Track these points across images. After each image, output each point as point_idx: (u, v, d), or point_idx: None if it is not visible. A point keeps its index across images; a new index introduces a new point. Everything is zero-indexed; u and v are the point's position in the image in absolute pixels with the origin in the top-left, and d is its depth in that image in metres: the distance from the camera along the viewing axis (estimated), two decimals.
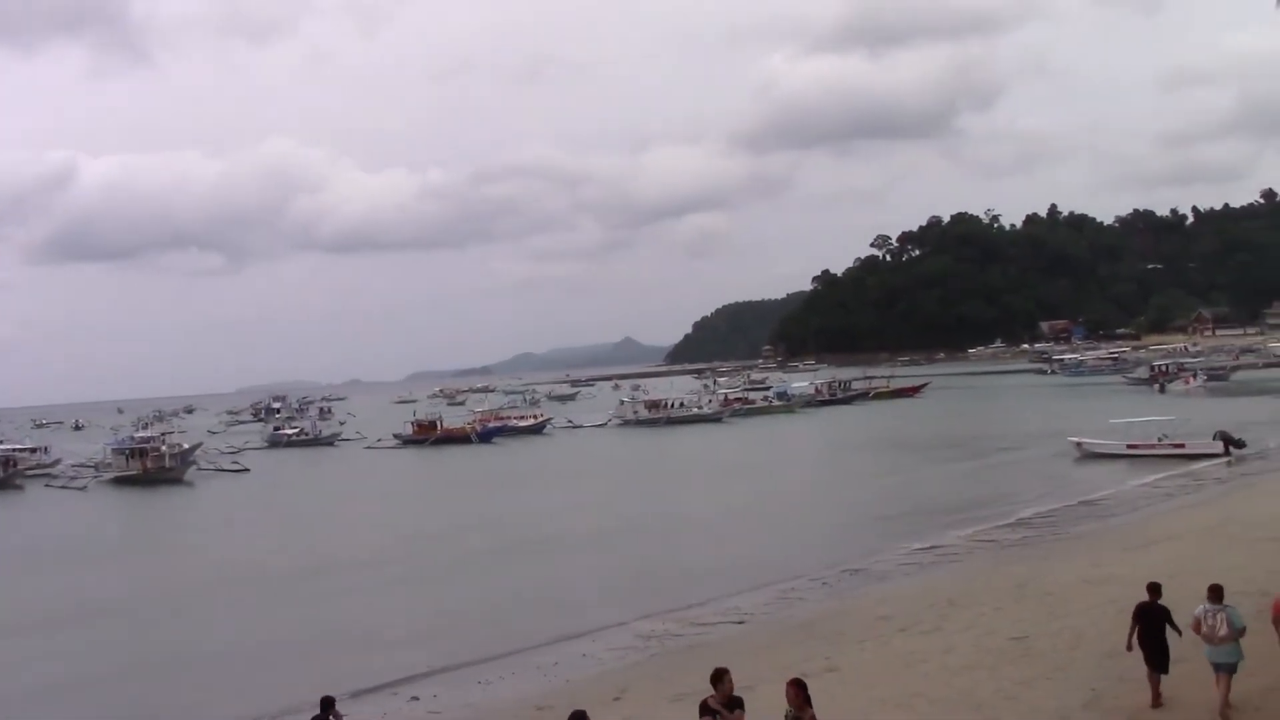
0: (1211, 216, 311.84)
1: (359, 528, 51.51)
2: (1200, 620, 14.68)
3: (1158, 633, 15.29)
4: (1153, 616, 15.38)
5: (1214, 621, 14.49)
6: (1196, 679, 15.24)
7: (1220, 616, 14.47)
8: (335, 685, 23.99)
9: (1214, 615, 14.51)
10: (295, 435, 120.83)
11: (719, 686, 12.17)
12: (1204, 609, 14.68)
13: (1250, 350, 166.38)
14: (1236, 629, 14.42)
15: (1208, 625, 14.55)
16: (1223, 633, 14.41)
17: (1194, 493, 43.61)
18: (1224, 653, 14.46)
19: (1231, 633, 14.41)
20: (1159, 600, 15.57)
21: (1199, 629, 14.74)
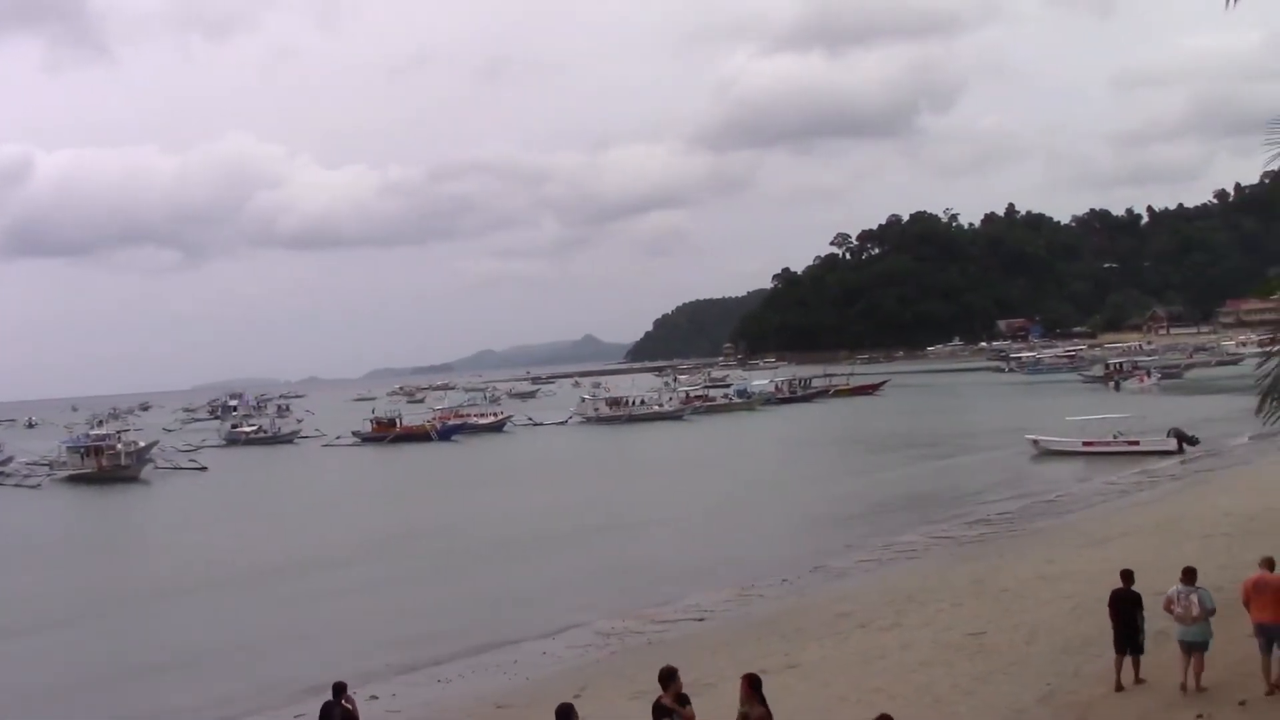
0: (1166, 216, 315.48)
1: (317, 527, 51.19)
2: (1173, 601, 15.20)
3: (1130, 617, 15.83)
4: (1125, 602, 15.91)
5: (1186, 602, 15.01)
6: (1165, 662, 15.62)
7: (1192, 598, 15.00)
8: (291, 685, 24.07)
9: (1186, 596, 15.05)
10: (253, 433, 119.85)
11: (670, 686, 12.22)
12: (1177, 590, 15.21)
13: (1203, 349, 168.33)
14: (1207, 609, 14.96)
15: (1180, 606, 15.08)
16: (1195, 613, 14.95)
17: (1148, 489, 44.11)
18: (1195, 632, 15.03)
19: (1203, 613, 14.94)
20: (1132, 587, 16.07)
21: (1171, 609, 15.27)
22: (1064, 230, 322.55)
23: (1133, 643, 15.88)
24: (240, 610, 33.19)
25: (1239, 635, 16.67)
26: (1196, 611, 15.00)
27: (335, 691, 15.86)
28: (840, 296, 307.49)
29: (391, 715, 21.55)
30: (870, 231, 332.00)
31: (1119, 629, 15.94)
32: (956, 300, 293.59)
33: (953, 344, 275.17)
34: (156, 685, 25.47)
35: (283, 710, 22.65)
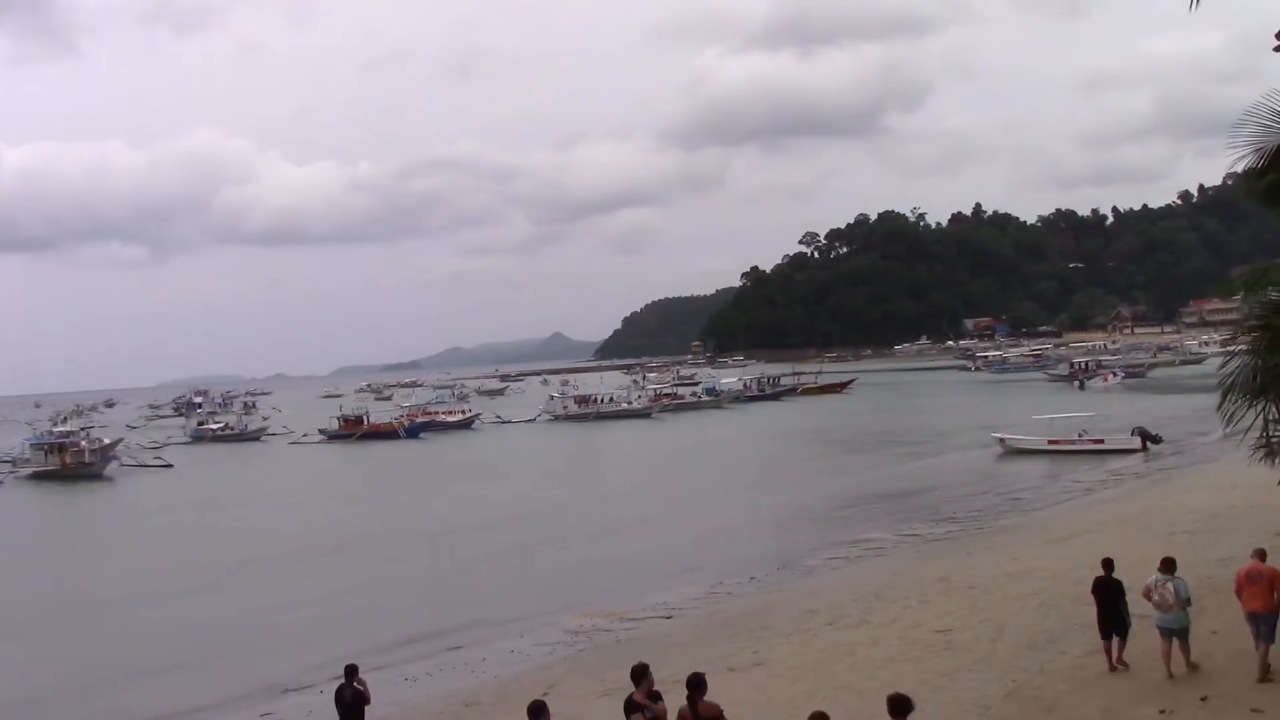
0: (1131, 217, 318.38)
1: (283, 525, 50.91)
2: (1151, 589, 15.85)
3: (1113, 603, 16.48)
4: (1108, 589, 16.56)
5: (1164, 590, 15.67)
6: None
7: (1169, 586, 15.65)
8: (259, 683, 23.95)
9: (1163, 585, 15.71)
10: (220, 430, 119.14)
11: (641, 683, 12.20)
12: (1155, 579, 15.86)
13: (1167, 348, 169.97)
14: (1183, 598, 15.63)
15: (1158, 594, 15.73)
16: (1170, 601, 15.60)
17: (1112, 487, 44.47)
18: (1172, 619, 15.71)
19: (1178, 601, 15.60)
20: (1113, 574, 16.70)
21: (1149, 597, 15.90)
22: (1030, 230, 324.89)
23: (1118, 626, 16.50)
24: (206, 610, 32.93)
25: (1203, 632, 16.90)
26: (1172, 599, 15.61)
27: (348, 674, 16.14)
28: (809, 295, 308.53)
29: None
30: (838, 230, 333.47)
31: (1103, 614, 16.55)
32: (924, 299, 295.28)
33: (920, 343, 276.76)
34: (119, 688, 25.22)
35: (249, 710, 22.51)
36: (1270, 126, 13.29)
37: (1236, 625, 17.04)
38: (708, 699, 11.96)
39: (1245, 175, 14.50)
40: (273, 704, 22.66)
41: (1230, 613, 17.19)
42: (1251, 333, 14.92)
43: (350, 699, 15.90)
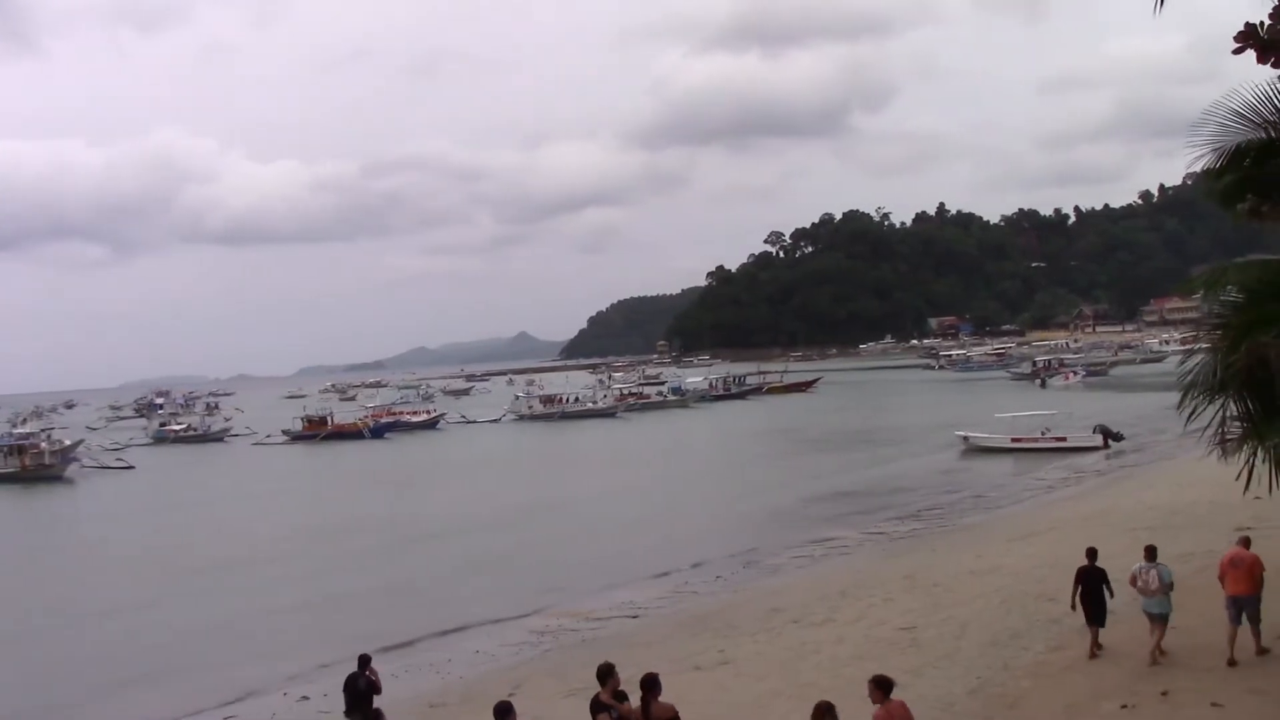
0: (1092, 216, 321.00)
1: (246, 526, 50.56)
2: (1136, 576, 16.61)
3: (1096, 591, 17.09)
4: (1092, 577, 17.15)
5: (1148, 577, 16.41)
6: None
7: (1153, 573, 16.40)
8: (224, 685, 23.77)
9: (1148, 571, 16.45)
10: (182, 431, 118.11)
11: (607, 682, 12.18)
12: (1140, 566, 16.61)
13: (1128, 346, 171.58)
14: (1166, 583, 16.37)
15: (1142, 580, 16.48)
16: (1154, 586, 16.34)
17: (1075, 485, 44.85)
18: (1156, 604, 16.43)
19: (1162, 586, 16.35)
20: (1096, 563, 17.25)
21: (1134, 583, 16.67)
22: (993, 230, 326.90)
23: (1099, 613, 17.10)
24: (166, 608, 32.69)
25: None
26: (1155, 585, 16.34)
27: (360, 663, 16.62)
28: (774, 294, 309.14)
29: (323, 716, 21.33)
30: (803, 230, 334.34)
31: (1087, 602, 17.13)
32: (888, 298, 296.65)
33: (885, 342, 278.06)
34: (82, 690, 25.00)
35: (214, 711, 22.35)
36: (1229, 127, 13.40)
37: (1197, 619, 17.26)
38: (663, 699, 11.95)
39: (1204, 175, 14.62)
40: (235, 707, 22.51)
41: (1192, 606, 17.38)
42: (1211, 331, 15.06)
43: (364, 687, 16.34)
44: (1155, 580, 16.39)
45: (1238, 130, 13.38)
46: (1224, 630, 16.04)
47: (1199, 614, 17.32)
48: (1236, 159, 13.64)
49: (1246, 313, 13.88)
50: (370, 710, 16.46)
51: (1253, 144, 13.41)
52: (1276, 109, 12.96)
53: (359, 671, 16.53)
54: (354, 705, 16.37)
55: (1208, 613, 17.52)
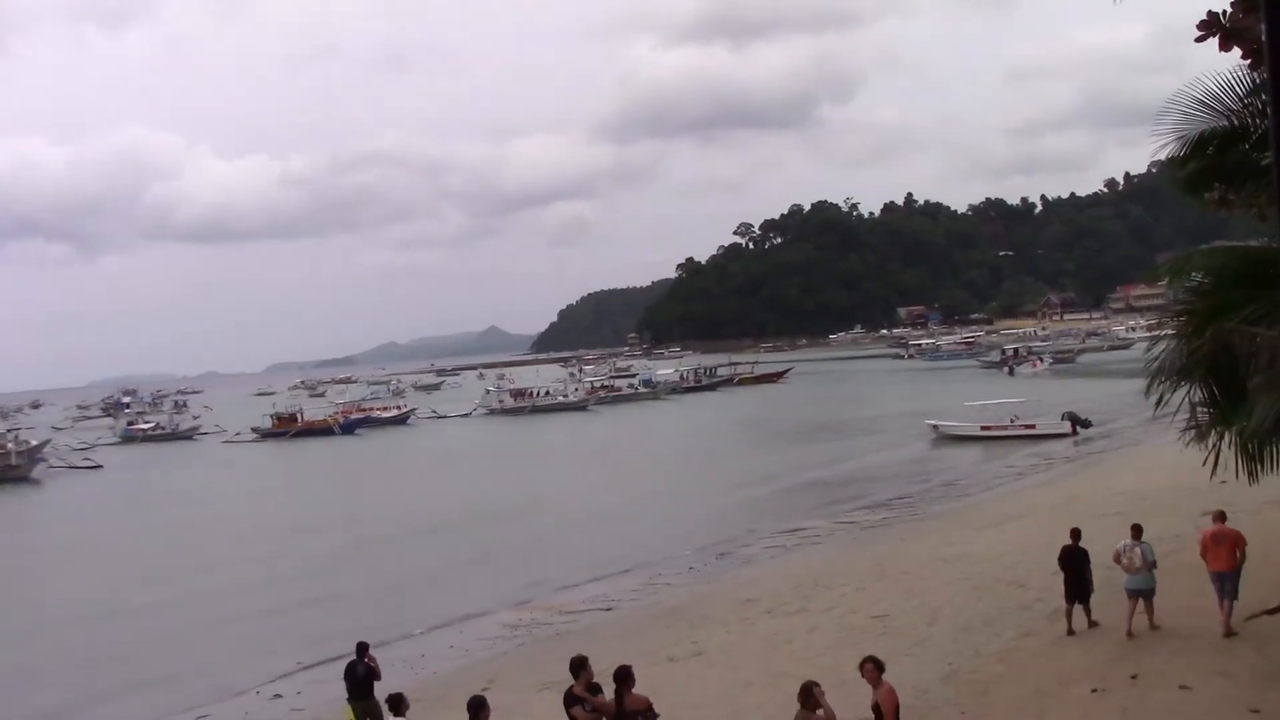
0: (1059, 205, 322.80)
1: (217, 524, 50.23)
2: (1120, 554, 17.20)
3: (1079, 569, 17.72)
4: (1075, 556, 17.78)
5: (1132, 554, 17.01)
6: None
7: (1137, 550, 17.01)
8: (197, 685, 23.65)
9: (1132, 549, 17.06)
10: (150, 430, 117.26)
11: (581, 675, 12.20)
12: (1124, 544, 17.22)
13: (1095, 334, 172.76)
14: (1149, 561, 17.01)
15: (1127, 558, 17.06)
16: (1139, 564, 16.95)
17: (1044, 471, 45.17)
18: (1140, 580, 17.01)
19: (1145, 564, 16.98)
20: (1079, 543, 17.98)
21: (1119, 560, 17.24)
22: (961, 219, 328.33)
23: (1082, 592, 17.69)
24: (137, 607, 32.47)
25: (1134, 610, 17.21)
26: (1140, 563, 16.94)
27: (359, 650, 17.00)
28: (744, 285, 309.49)
29: (296, 714, 21.29)
30: (772, 221, 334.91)
31: (1070, 580, 17.71)
32: (857, 288, 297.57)
33: (854, 331, 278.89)
34: (54, 695, 24.80)
35: (186, 711, 22.24)
36: (1192, 115, 13.51)
37: (1166, 603, 17.42)
38: (638, 691, 11.99)
39: (1169, 163, 14.71)
40: (209, 706, 22.40)
41: (1160, 589, 17.53)
42: (1177, 318, 15.17)
43: (362, 674, 16.72)
44: (1139, 558, 16.94)
45: (1201, 118, 13.49)
46: (1200, 609, 16.62)
47: (1167, 598, 17.49)
48: (1200, 147, 13.74)
49: (1211, 299, 14.00)
50: (372, 696, 16.64)
51: (1216, 132, 13.52)
52: (1239, 97, 13.07)
53: (358, 659, 16.86)
54: (355, 692, 16.70)
55: (1176, 597, 17.72)
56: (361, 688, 16.71)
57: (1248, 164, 13.59)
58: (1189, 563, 18.67)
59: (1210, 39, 7.95)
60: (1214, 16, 6.90)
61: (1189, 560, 18.74)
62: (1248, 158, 13.54)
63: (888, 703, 11.42)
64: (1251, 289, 12.93)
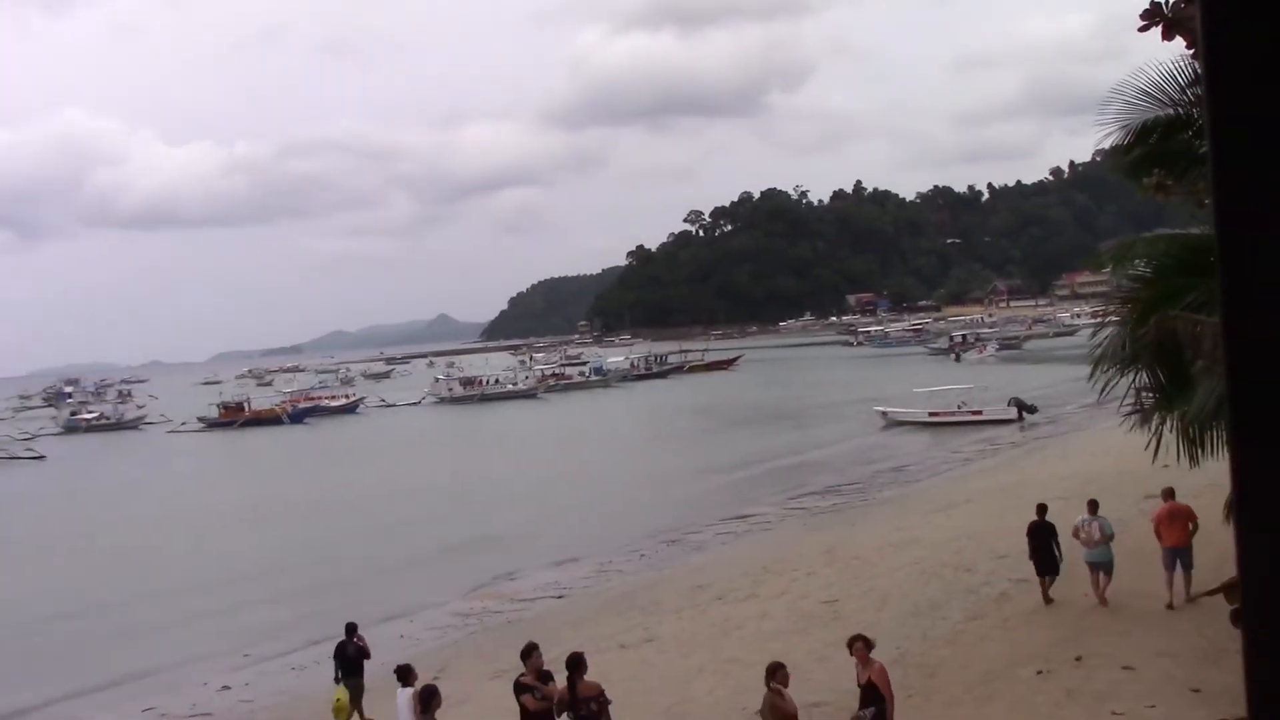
0: (1005, 193, 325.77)
1: (162, 516, 49.58)
2: (1079, 528, 17.97)
3: (1045, 544, 18.38)
4: (1041, 532, 18.45)
5: (1090, 529, 17.80)
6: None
7: (1095, 525, 17.81)
8: (143, 677, 23.39)
9: (1090, 524, 17.85)
10: (94, 420, 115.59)
11: (529, 661, 12.23)
12: (1082, 519, 18.02)
13: (1041, 320, 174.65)
14: (1107, 534, 17.78)
15: (1085, 532, 17.84)
16: (1097, 537, 17.72)
17: (991, 457, 45.66)
18: (1098, 554, 17.80)
19: (1104, 537, 17.74)
20: (1045, 518, 18.63)
21: (1078, 535, 18.01)
22: (909, 206, 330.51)
23: (1049, 565, 18.35)
24: (82, 592, 32.07)
25: (1077, 594, 17.47)
26: (1098, 536, 17.72)
27: (348, 631, 17.71)
28: (694, 273, 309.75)
29: (244, 705, 21.12)
30: (722, 208, 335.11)
31: (1037, 554, 18.41)
32: (807, 275, 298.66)
33: (804, 319, 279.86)
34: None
35: (133, 703, 22.01)
36: (1136, 104, 13.67)
37: (1110, 583, 17.70)
38: (589, 678, 12.02)
39: (1112, 151, 14.89)
40: (156, 699, 22.17)
41: None
42: (1120, 305, 15.36)
43: (353, 654, 17.36)
44: (1097, 531, 17.71)
45: (1144, 107, 13.66)
46: (1143, 592, 17.24)
47: (1112, 581, 17.76)
48: (1143, 135, 13.92)
49: (1154, 286, 14.18)
50: (361, 675, 17.32)
51: (1159, 120, 13.69)
52: (1181, 86, 13.24)
53: (347, 639, 17.46)
54: (345, 671, 17.22)
55: (1120, 580, 18.02)
56: (352, 667, 17.23)
57: (1189, 152, 13.77)
58: (1131, 546, 19.02)
59: (1153, 29, 8.04)
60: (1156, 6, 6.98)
61: (1131, 544, 19.08)
62: (1189, 146, 13.71)
63: (881, 678, 11.81)
64: (1192, 276, 13.11)
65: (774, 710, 11.34)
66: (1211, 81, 0.96)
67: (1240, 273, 0.94)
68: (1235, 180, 0.94)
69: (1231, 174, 0.95)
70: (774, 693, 11.29)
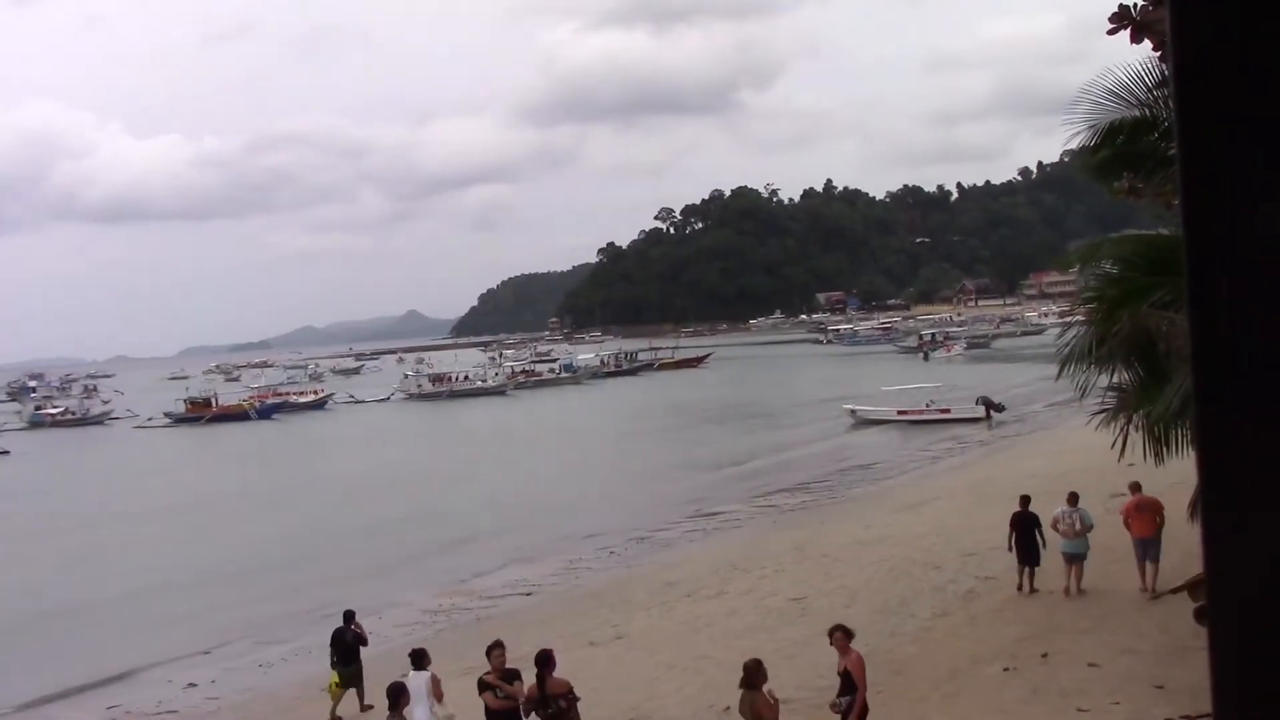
0: (974, 193, 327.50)
1: (128, 509, 49.20)
2: (1059, 519, 18.41)
3: (1029, 534, 18.83)
4: (1025, 522, 18.92)
5: (1071, 520, 18.26)
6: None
7: (1075, 516, 18.30)
8: (108, 675, 23.20)
9: (1070, 515, 18.32)
10: (60, 415, 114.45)
11: (492, 657, 12.26)
12: (1062, 511, 18.48)
13: (1009, 319, 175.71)
14: (1087, 525, 18.31)
15: (1065, 523, 18.29)
16: (1077, 528, 18.24)
17: (959, 455, 45.88)
18: (1076, 545, 18.31)
19: (1083, 529, 18.28)
20: (1029, 509, 19.17)
21: (1057, 526, 18.44)
22: (879, 205, 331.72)
23: (1032, 555, 18.80)
24: (40, 589, 31.75)
25: (1044, 591, 17.59)
26: (1079, 527, 18.22)
27: (345, 618, 18.21)
28: (665, 271, 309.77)
29: (210, 702, 20.98)
30: (693, 206, 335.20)
31: (1020, 544, 18.86)
32: (777, 274, 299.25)
33: (774, 317, 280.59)
34: None
35: (97, 699, 21.85)
36: (1104, 105, 13.76)
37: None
38: (558, 675, 12.05)
39: (1081, 152, 15.00)
40: (121, 696, 22.01)
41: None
42: (1087, 304, 15.47)
43: (351, 640, 17.85)
44: (1078, 523, 18.22)
45: (1112, 108, 13.75)
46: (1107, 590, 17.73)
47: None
48: (1111, 136, 14.01)
49: (1120, 286, 14.28)
50: (358, 662, 17.85)
51: (1126, 122, 13.78)
52: (1149, 88, 13.34)
53: (345, 625, 17.96)
54: (342, 658, 17.71)
55: (1085, 578, 18.16)
56: (349, 653, 17.71)
57: (1156, 153, 13.88)
58: (1098, 544, 19.17)
59: (1122, 31, 8.10)
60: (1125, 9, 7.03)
61: (1098, 542, 19.21)
62: (1156, 147, 13.82)
63: (856, 667, 12.06)
64: (1158, 276, 13.22)
65: (754, 710, 11.44)
66: (1180, 83, 0.97)
67: (1207, 272, 0.96)
68: (1203, 181, 0.96)
69: (1200, 175, 0.97)
70: (757, 693, 11.44)
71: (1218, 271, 0.96)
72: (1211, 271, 0.97)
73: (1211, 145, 0.96)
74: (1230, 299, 0.96)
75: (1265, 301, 0.95)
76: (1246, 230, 0.95)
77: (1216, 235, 0.96)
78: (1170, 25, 0.98)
